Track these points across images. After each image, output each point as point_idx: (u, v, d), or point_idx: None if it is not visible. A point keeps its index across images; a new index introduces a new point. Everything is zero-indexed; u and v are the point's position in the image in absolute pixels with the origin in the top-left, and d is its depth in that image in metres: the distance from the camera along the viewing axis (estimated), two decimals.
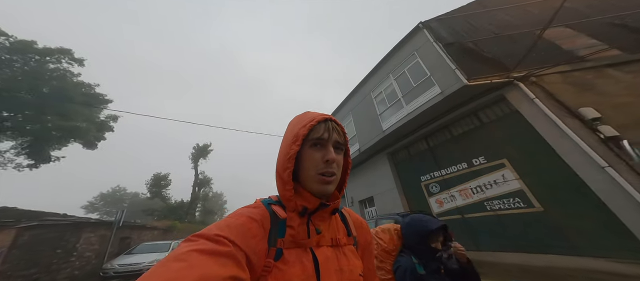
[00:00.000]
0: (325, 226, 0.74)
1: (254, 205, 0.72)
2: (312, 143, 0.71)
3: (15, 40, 14.45)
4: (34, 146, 14.04)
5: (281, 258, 0.61)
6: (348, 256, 0.73)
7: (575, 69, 6.09)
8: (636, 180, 4.34)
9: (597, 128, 4.97)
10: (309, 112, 0.79)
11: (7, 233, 7.72)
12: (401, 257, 1.56)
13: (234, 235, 0.54)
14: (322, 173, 0.69)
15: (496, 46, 7.96)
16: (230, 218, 0.61)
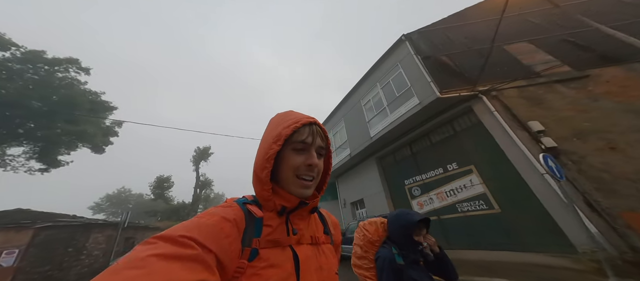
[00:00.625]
0: (304, 224, 0.73)
1: (227, 204, 0.67)
2: (294, 146, 0.69)
3: (26, 51, 15.40)
4: (45, 151, 14.95)
5: (257, 258, 0.58)
6: (327, 255, 0.73)
7: (531, 84, 6.80)
8: (571, 187, 5.06)
9: (540, 139, 5.68)
10: (292, 111, 0.77)
11: (25, 233, 8.57)
12: (382, 248, 1.61)
13: (204, 236, 0.51)
14: (302, 178, 0.68)
15: (467, 60, 8.66)
16: (202, 218, 0.57)
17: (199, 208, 32.49)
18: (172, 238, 0.47)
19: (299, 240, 0.68)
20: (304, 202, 0.70)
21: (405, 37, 10.27)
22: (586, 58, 6.72)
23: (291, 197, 0.68)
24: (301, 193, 0.68)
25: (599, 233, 4.44)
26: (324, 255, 0.73)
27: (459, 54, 9.05)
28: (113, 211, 46.22)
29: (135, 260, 0.40)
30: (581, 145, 5.38)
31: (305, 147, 0.69)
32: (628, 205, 4.46)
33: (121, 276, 0.36)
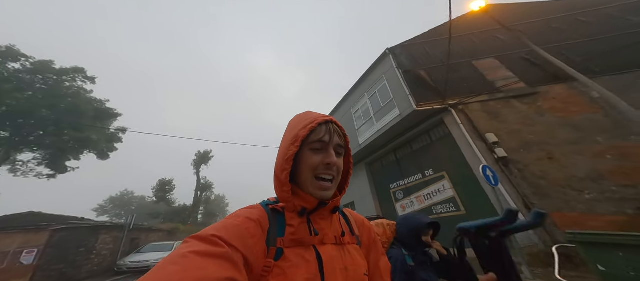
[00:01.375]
0: (326, 224, 0.72)
1: (252, 206, 0.70)
2: (312, 146, 0.69)
3: (35, 61, 16.34)
4: (54, 158, 15.89)
5: (282, 257, 0.59)
6: (353, 255, 0.71)
7: (491, 99, 7.69)
8: (513, 191, 5.95)
9: (494, 150, 6.57)
10: (310, 112, 0.78)
11: (42, 234, 9.47)
12: (392, 249, 1.64)
13: (231, 236, 0.54)
14: (321, 178, 0.68)
15: (441, 74, 9.55)
16: (228, 220, 0.60)
17: (200, 211, 33.42)
18: (204, 237, 0.51)
19: (322, 240, 0.68)
20: (324, 203, 0.69)
21: (389, 50, 11.17)
22: (539, 76, 7.62)
23: (310, 198, 0.68)
24: (320, 195, 0.68)
25: (532, 231, 5.33)
26: (350, 256, 0.70)
27: (435, 68, 9.95)
28: (116, 213, 47.28)
29: (175, 257, 0.45)
30: (526, 155, 6.27)
31: (323, 146, 0.69)
32: (556, 206, 5.35)
33: (164, 271, 0.42)
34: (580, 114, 6.36)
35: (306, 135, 0.68)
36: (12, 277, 8.34)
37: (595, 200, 5.15)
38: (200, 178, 29.83)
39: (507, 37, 9.60)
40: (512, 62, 8.63)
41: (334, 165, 0.69)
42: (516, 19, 10.15)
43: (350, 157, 0.80)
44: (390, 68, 10.78)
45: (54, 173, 16.48)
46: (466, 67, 9.26)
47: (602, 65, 7.22)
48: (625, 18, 8.53)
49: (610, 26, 8.41)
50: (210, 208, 39.58)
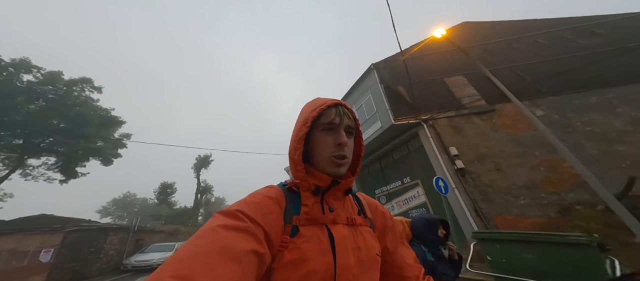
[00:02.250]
0: (339, 205, 0.74)
1: (270, 186, 0.74)
2: (323, 128, 0.73)
3: (46, 72, 17.40)
4: (65, 164, 16.98)
5: (297, 234, 0.62)
6: (364, 236, 0.73)
7: (457, 115, 8.73)
8: (467, 198, 6.99)
9: (454, 162, 7.61)
10: (320, 97, 0.81)
11: (57, 235, 10.51)
12: (413, 246, 1.72)
13: (253, 211, 0.57)
14: (334, 157, 0.71)
15: (417, 90, 10.58)
16: (249, 197, 0.64)
17: (200, 213, 34.44)
18: (229, 212, 0.55)
19: (334, 220, 0.70)
20: (337, 181, 0.72)
21: (373, 65, 12.22)
22: (496, 94, 8.65)
23: (324, 176, 0.71)
24: (335, 171, 0.71)
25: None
26: (362, 237, 0.72)
27: (412, 84, 10.99)
28: (119, 214, 48.39)
29: (203, 231, 0.49)
30: (479, 166, 7.31)
31: (334, 127, 0.72)
32: (498, 210, 6.38)
33: (193, 244, 0.46)
34: (524, 131, 7.40)
35: (316, 116, 0.72)
36: (32, 274, 9.37)
37: (528, 205, 6.19)
38: (201, 182, 30.86)
39: (475, 54, 10.66)
40: (478, 80, 9.66)
41: (345, 145, 0.71)
42: (484, 38, 11.22)
43: (361, 139, 0.83)
44: (374, 83, 11.81)
45: (65, 179, 17.54)
46: (439, 84, 10.31)
47: (549, 86, 8.26)
48: (576, 41, 9.57)
49: (562, 48, 9.45)
50: (210, 210, 40.61)
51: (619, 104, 6.98)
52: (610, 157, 6.17)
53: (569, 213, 5.63)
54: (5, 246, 8.90)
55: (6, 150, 16.49)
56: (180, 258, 0.42)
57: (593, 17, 10.27)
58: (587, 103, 7.32)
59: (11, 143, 16.45)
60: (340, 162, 0.71)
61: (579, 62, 8.53)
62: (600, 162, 6.18)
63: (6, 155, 16.74)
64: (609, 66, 7.95)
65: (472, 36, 11.59)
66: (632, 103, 6.84)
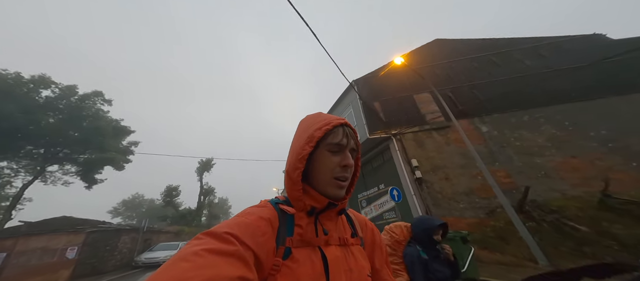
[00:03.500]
0: (332, 225, 0.74)
1: (261, 204, 0.71)
2: (329, 148, 0.71)
3: (63, 87, 19.11)
4: (85, 172, 18.83)
5: (290, 257, 0.60)
6: (356, 257, 0.73)
7: (421, 130, 10.12)
8: (421, 203, 8.42)
9: (415, 172, 9.04)
10: (322, 113, 0.80)
11: (80, 235, 12.15)
12: (408, 247, 1.97)
13: (243, 233, 0.54)
14: (338, 178, 0.70)
15: (390, 106, 11.98)
16: (240, 217, 0.61)
17: (204, 214, 36.21)
18: (217, 234, 0.51)
19: (327, 241, 0.69)
20: (333, 204, 0.71)
21: (354, 82, 13.65)
22: (454, 111, 10.05)
23: (321, 197, 0.70)
24: (336, 193, 0.70)
25: None
26: (353, 257, 0.72)
27: (385, 100, 12.40)
28: (128, 215, 50.89)
29: (188, 254, 0.45)
30: (433, 176, 8.74)
31: (341, 148, 0.71)
32: (444, 213, 7.79)
33: (176, 267, 0.42)
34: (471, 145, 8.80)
35: (321, 137, 0.70)
36: (61, 268, 11.01)
37: (465, 208, 7.61)
38: (203, 184, 32.56)
39: (441, 72, 12.04)
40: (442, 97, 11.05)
41: (350, 167, 0.71)
42: (451, 55, 12.50)
43: (359, 159, 0.81)
44: (354, 98, 13.27)
45: (89, 185, 19.39)
46: (408, 100, 11.70)
47: (496, 104, 9.59)
48: (523, 61, 10.87)
49: (511, 68, 10.74)
50: (213, 211, 42.40)
51: (544, 122, 8.31)
52: (531, 168, 7.55)
53: (493, 215, 7.04)
54: (38, 245, 10.51)
55: (28, 158, 18.30)
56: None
57: (540, 38, 11.47)
58: (521, 121, 8.66)
59: (32, 152, 18.24)
60: (342, 184, 0.71)
61: (522, 82, 9.87)
62: (523, 173, 7.59)
63: (28, 163, 18.58)
64: (543, 87, 9.26)
65: (442, 53, 12.93)
66: (553, 122, 8.18)
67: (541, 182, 7.22)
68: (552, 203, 6.28)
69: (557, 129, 8.01)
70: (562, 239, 5.20)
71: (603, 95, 8.20)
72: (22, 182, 18.54)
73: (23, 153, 17.91)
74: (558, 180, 7.04)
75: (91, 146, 18.69)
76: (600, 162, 6.94)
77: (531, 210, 6.08)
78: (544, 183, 7.16)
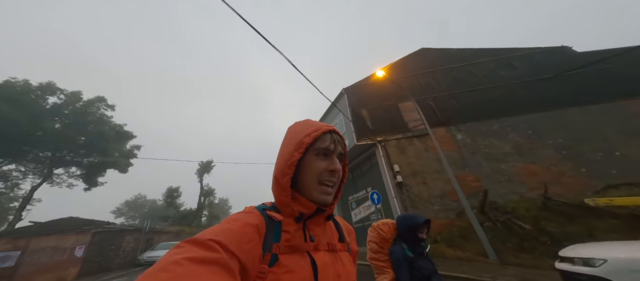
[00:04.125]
0: (320, 231, 0.74)
1: (248, 210, 0.71)
2: (317, 153, 0.72)
3: (68, 93, 19.95)
4: (88, 175, 19.64)
5: (276, 264, 0.60)
6: (344, 262, 0.74)
7: (404, 137, 10.92)
8: (401, 205, 9.22)
9: (396, 176, 9.83)
10: (310, 120, 0.80)
11: (87, 235, 12.97)
12: (394, 245, 1.98)
13: (229, 240, 0.54)
14: (325, 183, 0.71)
15: (376, 113, 12.74)
16: (226, 224, 0.60)
17: (204, 214, 37.08)
18: (200, 241, 0.50)
19: (316, 247, 0.69)
20: (321, 209, 0.71)
21: (344, 90, 14.44)
22: (434, 119, 10.84)
23: (309, 203, 0.70)
24: (323, 199, 0.70)
25: None
26: (341, 263, 0.73)
27: (374, 108, 13.18)
28: (131, 215, 52.06)
29: (167, 264, 0.43)
30: (413, 180, 9.53)
31: (328, 154, 0.72)
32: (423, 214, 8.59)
33: (154, 278, 0.40)
34: (446, 151, 9.57)
35: (310, 143, 0.70)
36: (70, 266, 11.83)
37: (439, 210, 8.40)
38: (203, 185, 33.43)
39: (425, 81, 12.83)
40: (424, 106, 11.83)
41: (337, 172, 0.72)
42: (435, 64, 13.28)
43: (346, 166, 0.81)
44: (344, 106, 14.04)
45: (89, 187, 20.21)
46: (394, 108, 12.49)
47: (471, 113, 10.37)
48: (498, 72, 11.64)
49: (487, 78, 11.50)
50: (213, 211, 43.24)
51: (511, 131, 9.09)
52: (497, 173, 8.34)
53: (461, 216, 7.84)
54: (49, 244, 11.33)
55: (35, 162, 19.17)
56: None
57: (513, 49, 12.19)
58: (491, 129, 9.44)
59: (39, 156, 19.10)
60: (329, 190, 0.71)
61: (495, 92, 10.66)
62: (490, 177, 8.38)
63: (35, 166, 19.45)
64: (512, 97, 10.03)
65: (427, 62, 13.69)
66: (518, 131, 8.96)
67: (504, 186, 8.02)
68: (508, 205, 7.08)
69: (521, 137, 8.80)
70: (510, 236, 5.99)
71: (562, 106, 8.98)
72: (30, 184, 19.44)
73: (31, 156, 18.78)
74: (518, 184, 7.84)
75: (95, 150, 19.56)
76: (554, 168, 7.73)
77: (489, 211, 6.88)
78: (506, 186, 7.95)
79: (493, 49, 12.53)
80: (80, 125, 19.64)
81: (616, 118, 8.08)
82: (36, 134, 17.52)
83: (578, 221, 5.50)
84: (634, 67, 9.09)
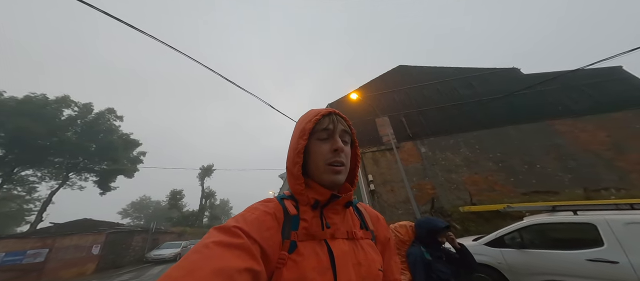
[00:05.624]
0: (339, 219, 0.72)
1: (268, 200, 0.73)
2: (318, 136, 0.73)
3: (81, 105, 21.75)
4: (101, 180, 21.51)
5: (295, 251, 0.61)
6: (366, 250, 0.71)
7: (378, 150, 12.53)
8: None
9: (369, 185, 11.46)
10: (313, 109, 0.81)
11: (102, 235, 14.70)
12: (412, 247, 2.01)
13: (250, 227, 0.57)
14: (331, 164, 0.70)
15: (357, 127, 14.41)
16: (246, 212, 0.64)
17: (206, 215, 38.87)
18: (225, 228, 0.56)
19: (333, 235, 0.68)
20: (336, 195, 0.70)
21: (329, 105, 16.09)
22: (404, 134, 12.47)
23: (323, 189, 0.70)
24: (333, 179, 0.70)
25: None
26: (363, 251, 0.70)
27: (355, 122, 14.81)
28: (137, 216, 54.43)
29: (198, 247, 0.50)
30: (383, 188, 11.16)
31: (329, 134, 0.73)
32: (387, 218, 10.16)
33: (188, 259, 0.47)
34: (412, 163, 11.23)
35: (312, 127, 0.72)
36: (88, 262, 13.56)
37: (402, 214, 10.02)
38: (205, 188, 35.24)
39: (399, 98, 14.45)
40: (396, 121, 13.45)
41: (341, 150, 0.71)
42: (408, 82, 14.74)
43: (357, 149, 0.82)
44: None
45: (103, 191, 22.10)
46: (371, 123, 14.10)
47: (434, 129, 11.96)
48: (458, 90, 13.23)
49: (450, 96, 13.08)
50: (214, 212, 45.04)
51: (463, 145, 10.66)
52: (449, 182, 9.95)
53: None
54: (71, 243, 13.04)
55: (51, 167, 21.01)
56: (175, 278, 0.43)
57: (473, 70, 13.62)
58: (448, 144, 11.02)
59: (54, 162, 20.93)
60: (337, 170, 0.70)
61: (455, 110, 12.26)
62: (443, 185, 10.02)
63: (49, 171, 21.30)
64: (468, 115, 11.57)
65: (402, 79, 15.26)
66: (468, 146, 10.54)
67: (453, 193, 9.65)
68: (451, 209, 8.69)
69: (470, 151, 10.40)
70: None
71: (503, 124, 10.57)
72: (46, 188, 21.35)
73: (48, 162, 20.60)
74: (464, 191, 9.44)
75: (106, 157, 21.39)
76: (491, 178, 9.33)
77: (435, 214, 8.54)
78: (454, 193, 9.57)
79: (457, 68, 14.09)
80: (92, 134, 21.47)
81: (542, 135, 9.65)
82: (53, 143, 19.34)
83: (492, 221, 7.07)
84: (565, 89, 10.73)
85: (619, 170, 8.11)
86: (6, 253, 10.88)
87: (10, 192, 21.66)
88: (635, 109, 9.11)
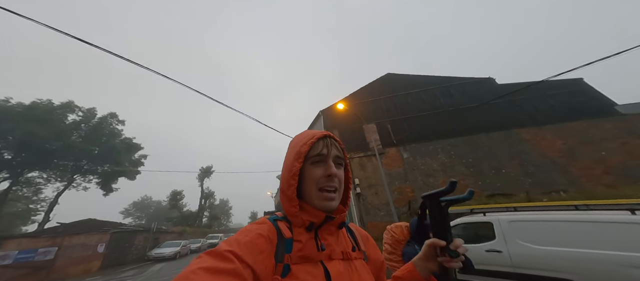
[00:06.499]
0: (333, 240, 0.74)
1: (261, 221, 0.72)
2: (312, 161, 0.73)
3: (85, 110, 22.63)
4: (103, 182, 22.40)
5: (289, 274, 0.61)
6: (359, 271, 0.72)
7: (365, 155, 13.45)
8: (358, 211, 11.77)
9: (356, 188, 12.37)
10: (308, 130, 0.82)
11: (106, 234, 15.60)
12: (407, 247, 2.01)
13: (242, 251, 0.56)
14: (325, 189, 0.71)
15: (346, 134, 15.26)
16: (240, 235, 0.63)
17: (205, 215, 39.83)
18: (217, 252, 0.55)
19: (329, 256, 0.69)
20: (331, 217, 0.71)
21: (321, 112, 16.99)
22: (389, 141, 13.38)
23: (317, 212, 0.71)
24: (326, 205, 0.71)
25: None
26: (357, 272, 0.71)
27: (343, 129, 15.67)
28: (138, 215, 55.58)
29: (186, 273, 0.48)
30: (369, 191, 12.08)
31: (322, 159, 0.73)
32: (371, 219, 11.10)
33: None
34: (394, 168, 12.15)
35: (307, 151, 0.72)
36: (94, 259, 14.47)
37: (384, 215, 10.94)
38: (204, 189, 36.15)
39: (386, 106, 15.36)
40: (383, 128, 14.36)
41: (334, 176, 0.72)
42: (395, 90, 15.64)
43: (349, 171, 0.82)
44: (320, 127, 16.60)
45: (106, 193, 23.03)
46: (359, 129, 14.99)
47: (416, 135, 12.90)
48: (440, 99, 14.14)
49: (432, 104, 13.99)
50: (213, 212, 46.02)
51: (440, 152, 11.60)
52: (426, 186, 10.88)
53: (400, 220, 10.41)
54: (79, 241, 13.93)
55: (56, 169, 21.91)
56: None
57: (452, 79, 14.46)
58: (427, 150, 11.95)
59: (59, 165, 21.82)
60: (331, 196, 0.72)
61: (435, 118, 13.19)
62: (422, 189, 10.94)
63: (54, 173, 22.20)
64: (446, 123, 12.51)
65: (390, 87, 16.14)
66: (446, 152, 11.48)
67: None
68: None
69: (446, 157, 11.34)
70: None
71: (476, 132, 11.50)
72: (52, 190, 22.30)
73: (54, 165, 21.49)
74: None
75: (109, 160, 22.30)
76: (462, 182, 10.26)
77: (412, 215, 9.47)
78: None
79: (439, 77, 14.98)
80: (95, 138, 22.36)
81: (509, 143, 10.60)
82: (59, 147, 20.23)
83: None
84: (532, 99, 11.69)
85: (569, 175, 9.05)
86: (19, 251, 11.76)
87: (17, 193, 22.54)
88: (590, 119, 10.07)
